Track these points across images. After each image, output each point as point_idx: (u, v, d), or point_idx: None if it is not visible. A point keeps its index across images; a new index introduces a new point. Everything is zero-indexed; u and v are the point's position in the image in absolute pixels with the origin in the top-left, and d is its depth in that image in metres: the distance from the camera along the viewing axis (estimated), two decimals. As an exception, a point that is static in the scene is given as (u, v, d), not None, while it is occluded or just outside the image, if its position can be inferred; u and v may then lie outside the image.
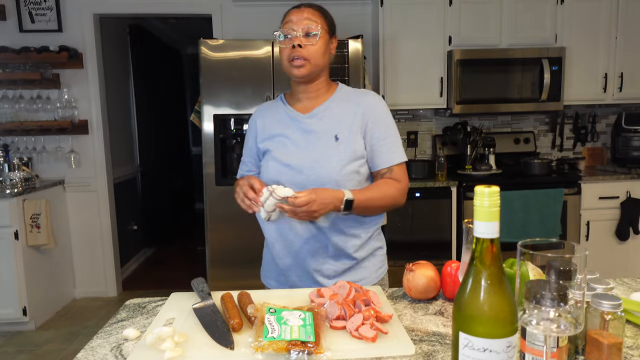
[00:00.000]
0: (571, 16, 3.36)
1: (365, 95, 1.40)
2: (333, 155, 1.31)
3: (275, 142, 1.38)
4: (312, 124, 1.35)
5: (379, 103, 1.39)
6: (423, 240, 3.22)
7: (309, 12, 1.32)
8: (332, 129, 1.34)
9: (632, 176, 3.26)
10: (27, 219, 3.07)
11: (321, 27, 1.32)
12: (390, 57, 3.33)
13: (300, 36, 1.30)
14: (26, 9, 3.46)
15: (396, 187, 1.35)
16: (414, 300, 1.09)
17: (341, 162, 1.30)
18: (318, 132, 1.34)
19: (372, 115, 1.35)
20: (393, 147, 1.36)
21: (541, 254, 0.62)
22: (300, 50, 1.29)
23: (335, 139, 1.33)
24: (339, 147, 1.32)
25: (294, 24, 1.30)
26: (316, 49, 1.31)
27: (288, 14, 1.34)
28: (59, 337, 3.05)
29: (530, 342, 0.71)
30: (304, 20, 1.30)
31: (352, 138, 1.32)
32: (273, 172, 1.34)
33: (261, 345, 0.80)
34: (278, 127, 1.40)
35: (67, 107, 3.53)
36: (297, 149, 1.34)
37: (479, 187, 0.61)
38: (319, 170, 1.30)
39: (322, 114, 1.36)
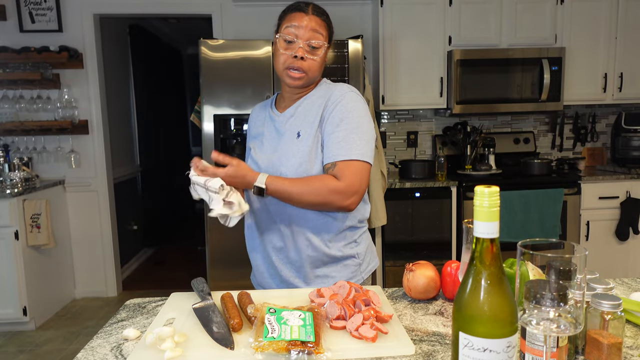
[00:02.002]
0: (571, 16, 3.36)
1: (334, 88, 1.29)
2: (292, 153, 1.25)
3: (256, 142, 1.38)
4: (283, 123, 1.32)
5: (345, 95, 1.25)
6: (423, 240, 3.22)
7: (316, 22, 1.25)
8: (297, 127, 1.28)
9: (632, 176, 3.26)
10: (27, 219, 3.07)
11: (324, 39, 1.26)
12: (390, 57, 3.33)
13: (304, 47, 1.23)
14: (26, 9, 3.46)
15: (330, 185, 1.18)
16: (414, 300, 1.09)
17: (299, 160, 1.23)
18: (286, 131, 1.30)
19: (331, 107, 1.25)
20: (344, 141, 1.20)
21: (541, 254, 0.62)
22: (301, 62, 1.23)
23: (297, 136, 1.27)
24: (299, 145, 1.25)
25: (299, 31, 1.23)
26: (317, 62, 1.26)
27: (292, 16, 1.25)
28: (59, 337, 3.05)
29: (530, 342, 0.71)
30: (310, 30, 1.23)
31: (313, 134, 1.25)
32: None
33: (261, 345, 0.80)
34: (260, 127, 1.39)
35: (67, 107, 3.53)
36: (268, 148, 1.32)
37: (479, 187, 0.61)
38: (279, 168, 1.26)
39: (294, 111, 1.32)
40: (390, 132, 3.74)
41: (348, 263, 1.32)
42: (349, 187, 1.18)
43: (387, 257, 3.22)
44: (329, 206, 1.20)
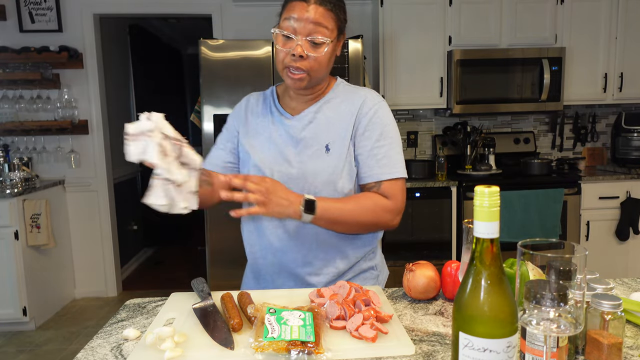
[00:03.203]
0: (571, 16, 3.36)
1: (363, 94, 1.19)
2: (322, 168, 1.13)
3: (258, 145, 1.19)
4: (301, 129, 1.17)
5: (379, 105, 1.17)
6: (423, 240, 3.22)
7: (320, 13, 1.07)
8: (323, 137, 1.15)
9: (632, 176, 3.26)
10: (27, 219, 3.07)
11: (331, 33, 1.10)
12: (390, 57, 3.33)
13: (304, 43, 1.07)
14: (26, 9, 3.46)
15: (381, 204, 1.12)
16: (414, 300, 1.09)
17: (328, 177, 1.13)
18: (307, 140, 1.16)
19: (365, 119, 1.15)
20: (386, 158, 1.14)
21: (541, 254, 0.62)
22: (301, 61, 1.08)
23: (326, 150, 1.14)
24: (328, 160, 1.14)
25: (298, 25, 1.07)
26: (321, 60, 1.09)
27: (292, 6, 1.08)
28: (59, 337, 3.05)
29: (530, 342, 0.71)
30: (310, 23, 1.06)
31: (345, 148, 1.15)
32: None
33: (261, 345, 0.80)
34: (264, 126, 1.21)
35: (67, 107, 3.53)
36: (282, 157, 1.16)
37: (479, 187, 0.61)
38: (304, 184, 1.13)
39: (313, 117, 1.17)
40: (390, 132, 3.74)
41: (367, 276, 1.28)
42: (398, 205, 1.14)
43: (387, 257, 3.18)
44: (378, 226, 1.16)
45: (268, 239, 1.21)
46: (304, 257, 1.19)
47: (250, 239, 1.27)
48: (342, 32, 1.16)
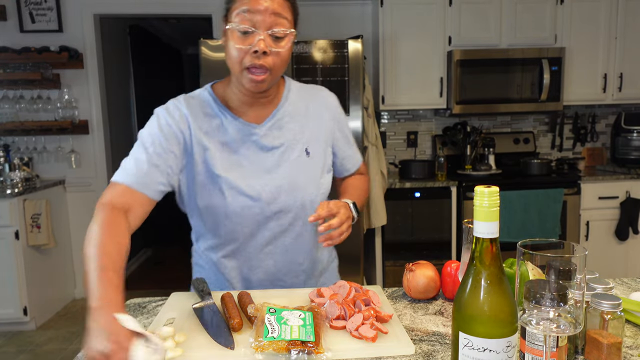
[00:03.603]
0: (571, 16, 3.36)
1: (322, 91, 1.19)
2: (310, 175, 1.11)
3: (226, 163, 1.06)
4: (273, 137, 1.09)
5: (337, 101, 1.22)
6: (423, 240, 3.22)
7: (277, 2, 0.96)
8: (298, 141, 1.11)
9: (631, 176, 3.26)
10: (27, 219, 3.07)
11: (290, 24, 1.00)
12: (390, 57, 3.33)
13: (265, 39, 0.96)
14: (27, 9, 3.46)
15: (366, 180, 1.31)
16: (413, 300, 1.09)
17: (318, 180, 1.12)
18: (282, 146, 1.09)
19: (340, 117, 1.20)
20: (355, 146, 1.27)
21: (541, 254, 0.63)
22: (264, 58, 0.97)
23: (306, 154, 1.11)
24: (312, 163, 1.11)
25: (256, 17, 0.95)
26: (284, 55, 1.00)
27: None
28: (59, 337, 3.05)
29: (530, 342, 0.71)
30: (271, 14, 0.95)
31: (322, 149, 1.14)
32: (235, 204, 1.05)
33: (261, 345, 0.80)
34: (222, 141, 1.06)
35: (68, 107, 3.53)
36: (263, 171, 1.07)
37: (478, 187, 0.61)
38: (298, 194, 1.09)
39: (281, 122, 1.10)
40: (390, 132, 3.74)
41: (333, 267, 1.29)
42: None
43: (387, 257, 3.22)
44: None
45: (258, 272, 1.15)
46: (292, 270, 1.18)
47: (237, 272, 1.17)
48: (296, 26, 1.04)
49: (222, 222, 1.09)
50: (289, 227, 1.13)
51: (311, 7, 3.53)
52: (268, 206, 1.08)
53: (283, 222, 1.12)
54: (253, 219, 1.09)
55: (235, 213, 1.07)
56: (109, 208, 0.91)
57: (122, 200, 0.94)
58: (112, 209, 0.91)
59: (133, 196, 0.96)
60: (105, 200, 0.93)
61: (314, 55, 2.80)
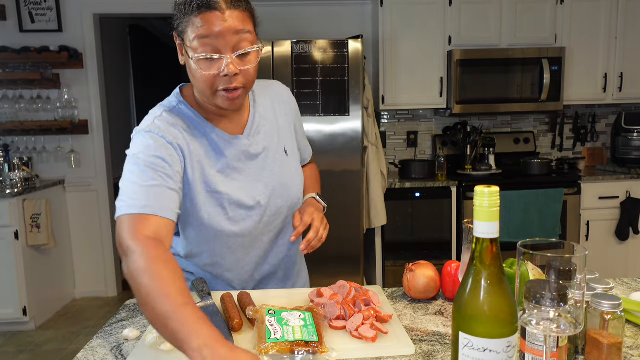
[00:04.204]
0: (571, 16, 3.36)
1: (278, 86, 1.21)
2: (292, 172, 1.15)
3: (221, 178, 1.04)
4: (255, 144, 1.09)
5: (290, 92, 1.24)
6: (423, 240, 3.22)
7: (237, 19, 0.90)
8: (277, 142, 1.13)
9: (632, 176, 3.26)
10: (27, 219, 3.07)
11: (253, 36, 0.96)
12: (390, 57, 3.33)
13: (233, 59, 0.91)
14: (26, 9, 3.46)
15: (316, 168, 1.36)
16: (414, 300, 1.09)
17: (298, 174, 1.18)
18: (265, 151, 1.10)
19: (296, 109, 1.23)
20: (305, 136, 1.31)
21: (541, 254, 0.62)
22: (235, 79, 0.93)
23: (285, 154, 1.14)
24: (291, 161, 1.16)
25: (219, 42, 0.90)
26: (254, 69, 0.97)
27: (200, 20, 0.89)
28: (59, 337, 3.05)
29: (530, 342, 0.71)
30: (233, 34, 0.90)
31: (294, 146, 1.20)
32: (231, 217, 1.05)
33: (265, 347, 0.80)
34: (213, 155, 1.04)
35: (67, 107, 3.53)
36: (254, 180, 1.08)
37: (479, 187, 0.61)
38: (288, 193, 1.13)
39: (258, 127, 1.10)
40: (390, 132, 3.74)
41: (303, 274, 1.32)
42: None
43: (387, 257, 3.22)
44: None
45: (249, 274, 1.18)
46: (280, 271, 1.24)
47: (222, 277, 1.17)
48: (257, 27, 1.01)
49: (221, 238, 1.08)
50: (284, 226, 1.17)
51: (311, 7, 3.53)
52: (266, 211, 1.11)
53: (278, 222, 1.16)
54: (254, 228, 1.10)
55: (238, 224, 1.07)
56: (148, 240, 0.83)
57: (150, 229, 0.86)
58: (151, 240, 0.83)
59: (157, 223, 0.88)
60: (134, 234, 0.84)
61: (314, 55, 2.80)
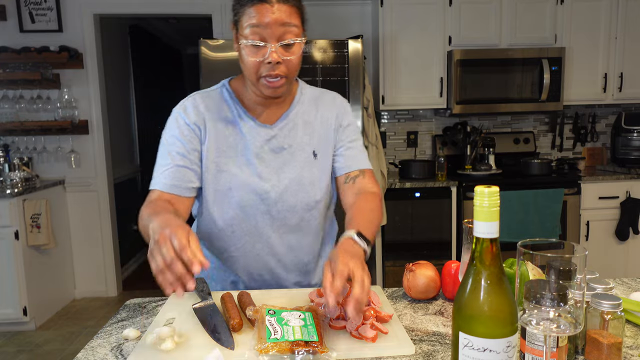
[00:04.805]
0: (571, 16, 3.36)
1: (335, 98, 1.22)
2: (316, 176, 1.13)
3: (237, 159, 1.10)
4: (282, 137, 1.12)
5: (348, 107, 1.24)
6: (423, 240, 3.22)
7: (285, 12, 0.99)
8: (307, 143, 1.14)
9: (632, 176, 3.26)
10: (27, 219, 3.07)
11: (300, 30, 1.03)
12: (390, 57, 3.33)
13: (277, 51, 1.00)
14: (26, 9, 3.46)
15: (380, 201, 1.15)
16: (414, 300, 1.09)
17: (325, 183, 1.15)
18: (291, 148, 1.12)
19: (345, 120, 1.19)
20: (362, 151, 1.20)
21: (541, 254, 0.62)
22: (278, 67, 1.01)
23: (313, 156, 1.13)
24: (319, 165, 1.14)
25: (266, 31, 0.98)
26: (295, 60, 1.04)
27: (251, 11, 0.98)
28: (59, 337, 3.05)
29: (530, 342, 0.71)
30: (280, 26, 0.98)
31: (328, 152, 1.16)
32: (244, 200, 1.10)
33: (265, 347, 0.80)
34: (237, 139, 1.11)
35: (67, 107, 3.53)
36: (270, 170, 1.11)
37: (479, 187, 0.61)
38: (302, 194, 1.12)
39: (293, 123, 1.14)
40: (390, 132, 3.74)
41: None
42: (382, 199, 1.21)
43: (387, 257, 3.22)
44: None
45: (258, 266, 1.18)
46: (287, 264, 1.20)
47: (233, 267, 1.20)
48: (306, 25, 1.08)
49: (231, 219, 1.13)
50: (294, 226, 1.16)
51: (311, 7, 3.52)
52: (275, 205, 1.12)
53: (289, 221, 1.15)
54: (261, 217, 1.13)
55: (244, 210, 1.11)
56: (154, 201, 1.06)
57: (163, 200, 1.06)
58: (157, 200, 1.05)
59: (170, 198, 1.07)
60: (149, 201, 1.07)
61: (314, 55, 2.80)
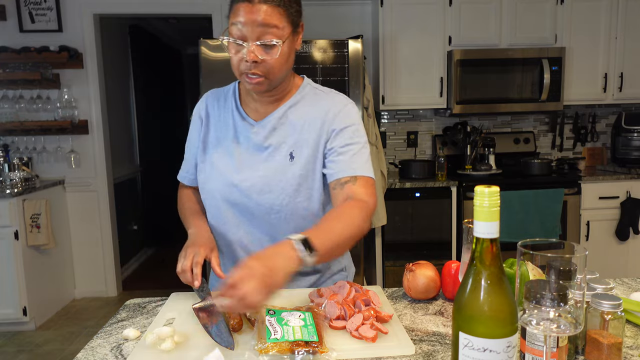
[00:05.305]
0: (571, 16, 3.36)
1: (332, 99, 1.14)
2: (287, 179, 1.09)
3: (220, 150, 1.14)
4: (264, 135, 1.11)
5: (348, 107, 1.13)
6: (423, 240, 3.21)
7: (265, 13, 0.97)
8: (288, 144, 1.10)
9: (632, 176, 3.26)
10: (27, 219, 3.07)
11: (283, 31, 1.00)
12: (390, 57, 3.33)
13: (255, 47, 0.99)
14: (26, 9, 3.46)
15: (364, 211, 1.01)
16: (414, 300, 1.09)
17: (295, 187, 1.09)
18: (270, 147, 1.11)
19: (340, 124, 1.10)
20: (358, 155, 1.09)
21: (541, 254, 0.62)
22: (256, 66, 1.01)
23: (290, 158, 1.10)
24: (293, 168, 1.09)
25: (245, 30, 0.98)
26: (276, 61, 1.01)
27: (236, 9, 1.00)
28: (59, 337, 3.05)
29: (530, 342, 0.71)
30: (258, 26, 0.98)
31: (310, 156, 1.10)
32: (217, 190, 1.13)
33: (265, 347, 0.80)
34: (225, 130, 1.15)
35: (67, 107, 3.53)
36: (245, 165, 1.11)
37: (479, 187, 0.61)
38: (269, 195, 1.09)
39: (277, 122, 1.12)
40: (390, 132, 3.74)
41: (337, 278, 1.25)
42: (372, 208, 1.05)
43: (387, 257, 3.22)
44: (360, 236, 1.01)
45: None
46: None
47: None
48: (297, 25, 1.05)
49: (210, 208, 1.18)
50: (263, 227, 1.14)
51: (311, 7, 3.52)
52: (242, 200, 1.12)
53: (256, 220, 1.14)
54: (231, 211, 1.14)
55: (218, 201, 1.14)
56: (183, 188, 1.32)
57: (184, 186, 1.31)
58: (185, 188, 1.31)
59: (191, 187, 1.28)
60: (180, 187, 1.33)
61: (314, 55, 2.80)
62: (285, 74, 1.08)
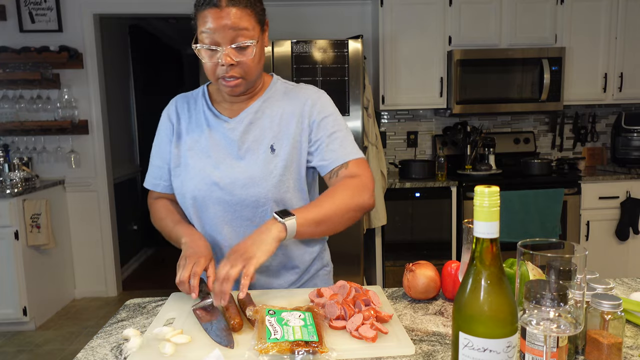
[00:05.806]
0: (571, 16, 3.36)
1: (306, 91, 1.17)
2: (269, 170, 1.10)
3: (196, 151, 1.15)
4: (242, 131, 1.13)
5: (323, 98, 1.17)
6: (423, 240, 3.22)
7: (235, 16, 1.00)
8: (267, 138, 1.12)
9: (632, 176, 3.26)
10: (27, 219, 3.07)
11: (253, 31, 1.04)
12: (390, 57, 3.33)
13: (229, 50, 1.02)
14: (26, 9, 3.46)
15: (352, 185, 1.08)
16: (414, 300, 1.09)
17: (278, 177, 1.10)
18: (249, 142, 1.13)
19: (317, 113, 1.14)
20: (346, 141, 1.14)
21: (541, 254, 0.62)
22: (232, 68, 1.04)
23: (271, 150, 1.11)
24: (276, 160, 1.11)
25: (216, 35, 1.01)
26: (251, 61, 1.05)
27: (204, 15, 1.01)
28: (59, 337, 3.05)
29: (530, 342, 0.71)
30: (229, 30, 1.00)
31: (292, 147, 1.12)
32: (198, 191, 1.12)
33: (265, 347, 0.80)
34: (199, 131, 1.16)
35: (67, 107, 3.53)
36: (223, 162, 1.12)
37: (479, 187, 0.61)
38: (254, 189, 1.10)
39: (254, 117, 1.14)
40: (390, 132, 3.74)
41: (321, 273, 1.27)
42: (369, 181, 1.11)
43: (387, 257, 3.22)
44: (359, 210, 1.08)
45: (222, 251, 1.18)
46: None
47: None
48: (264, 23, 1.09)
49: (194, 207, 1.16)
50: (249, 222, 1.14)
51: (311, 7, 3.53)
52: (225, 197, 1.12)
53: (241, 215, 1.13)
54: (213, 209, 1.13)
55: (197, 200, 1.13)
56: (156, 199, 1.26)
57: (156, 195, 1.26)
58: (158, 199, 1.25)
59: (159, 193, 1.25)
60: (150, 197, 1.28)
61: (314, 55, 2.80)
62: (260, 72, 1.13)
